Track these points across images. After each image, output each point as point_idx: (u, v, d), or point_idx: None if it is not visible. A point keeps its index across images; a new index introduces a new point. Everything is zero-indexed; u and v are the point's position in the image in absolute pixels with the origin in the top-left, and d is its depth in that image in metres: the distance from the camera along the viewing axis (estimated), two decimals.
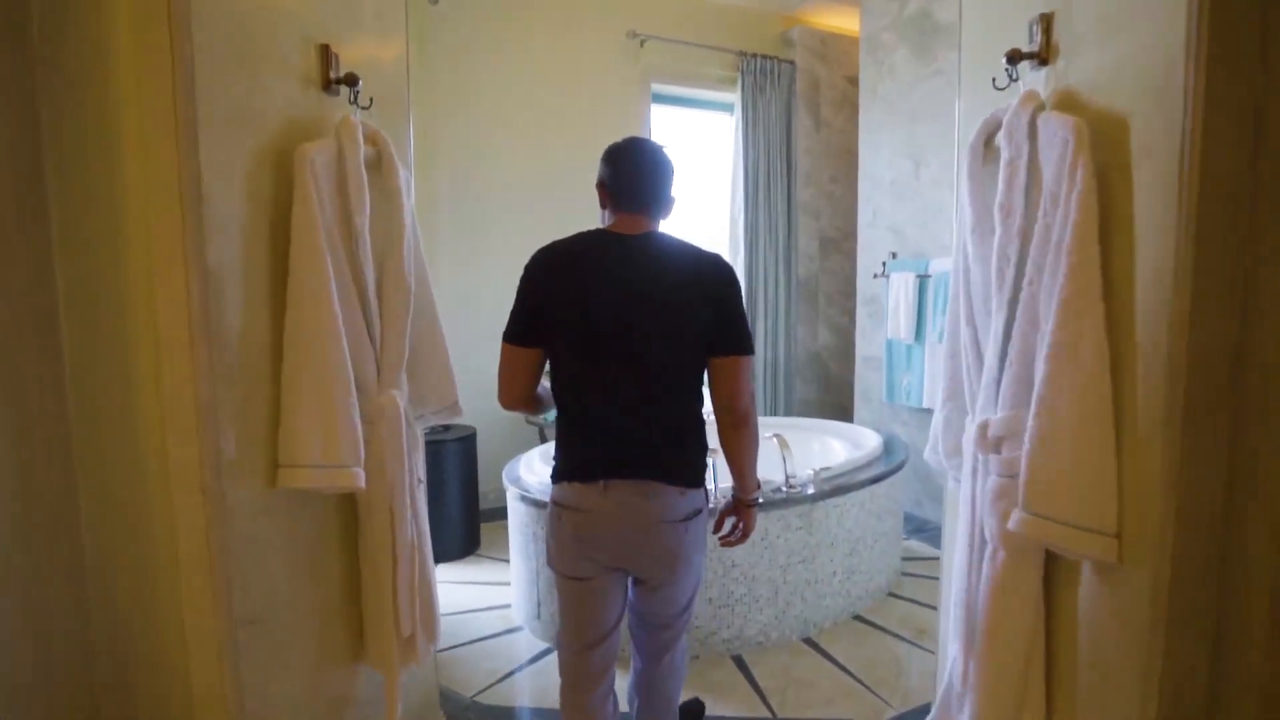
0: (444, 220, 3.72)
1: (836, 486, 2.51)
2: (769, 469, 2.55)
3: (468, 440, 3.38)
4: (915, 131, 3.62)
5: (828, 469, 2.56)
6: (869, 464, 2.78)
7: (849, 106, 4.63)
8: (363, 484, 1.26)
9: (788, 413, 4.55)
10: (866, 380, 4.09)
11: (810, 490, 2.45)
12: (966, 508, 1.23)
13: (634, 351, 1.34)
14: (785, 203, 4.46)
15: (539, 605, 2.49)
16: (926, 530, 3.59)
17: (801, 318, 4.66)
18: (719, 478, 2.36)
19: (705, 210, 6.26)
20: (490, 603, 2.84)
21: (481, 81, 3.75)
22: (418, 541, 1.44)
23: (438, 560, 3.34)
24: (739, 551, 2.35)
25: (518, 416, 3.90)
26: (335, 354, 1.24)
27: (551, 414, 1.54)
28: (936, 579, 3.05)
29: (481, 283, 3.83)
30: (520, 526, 2.54)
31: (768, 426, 3.57)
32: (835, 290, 4.73)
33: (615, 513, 1.36)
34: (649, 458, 1.36)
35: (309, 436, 1.20)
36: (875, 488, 2.66)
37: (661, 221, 1.48)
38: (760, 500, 1.55)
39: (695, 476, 1.43)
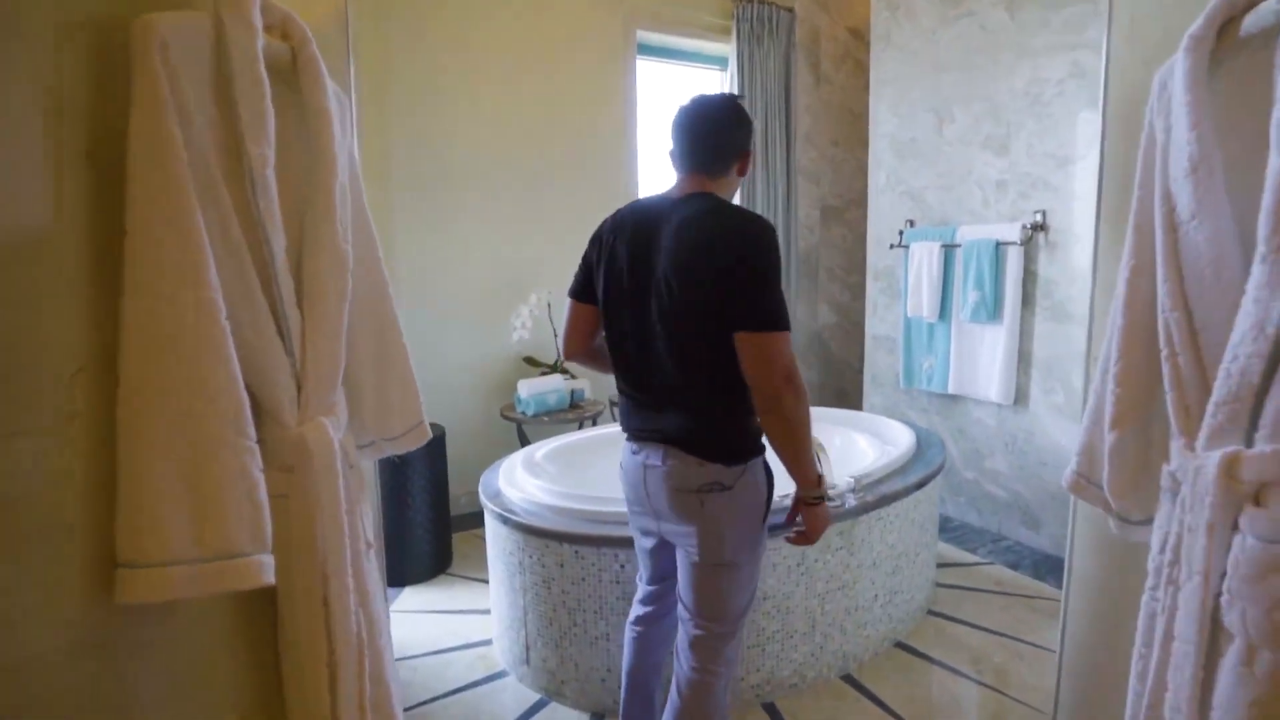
0: (398, 193, 3.21)
1: (880, 496, 2.12)
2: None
3: (435, 443, 2.92)
4: (940, 82, 3.20)
5: (867, 475, 2.17)
6: (908, 465, 2.39)
7: (851, 62, 4.20)
8: (270, 577, 0.81)
9: None
10: (877, 362, 3.72)
11: (852, 502, 2.05)
12: (1196, 586, 0.83)
13: (640, 319, 1.35)
14: (784, 167, 4.03)
15: (527, 650, 2.06)
16: (949, 530, 3.25)
17: (801, 294, 4.26)
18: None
19: None
20: (467, 638, 2.40)
21: (441, 34, 3.22)
22: (368, 633, 0.98)
23: (403, 583, 2.93)
24: (771, 581, 1.95)
25: (491, 412, 3.43)
26: (212, 369, 0.77)
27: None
28: (971, 589, 2.75)
29: (443, 263, 3.33)
30: (502, 554, 2.10)
31: None
32: (837, 264, 4.34)
33: (640, 474, 1.41)
34: (670, 424, 1.35)
35: (170, 514, 0.73)
36: (918, 493, 2.28)
37: (724, 181, 1.37)
38: (823, 498, 1.42)
39: (719, 450, 1.33)
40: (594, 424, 3.33)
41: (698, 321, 1.26)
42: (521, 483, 2.21)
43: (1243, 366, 0.78)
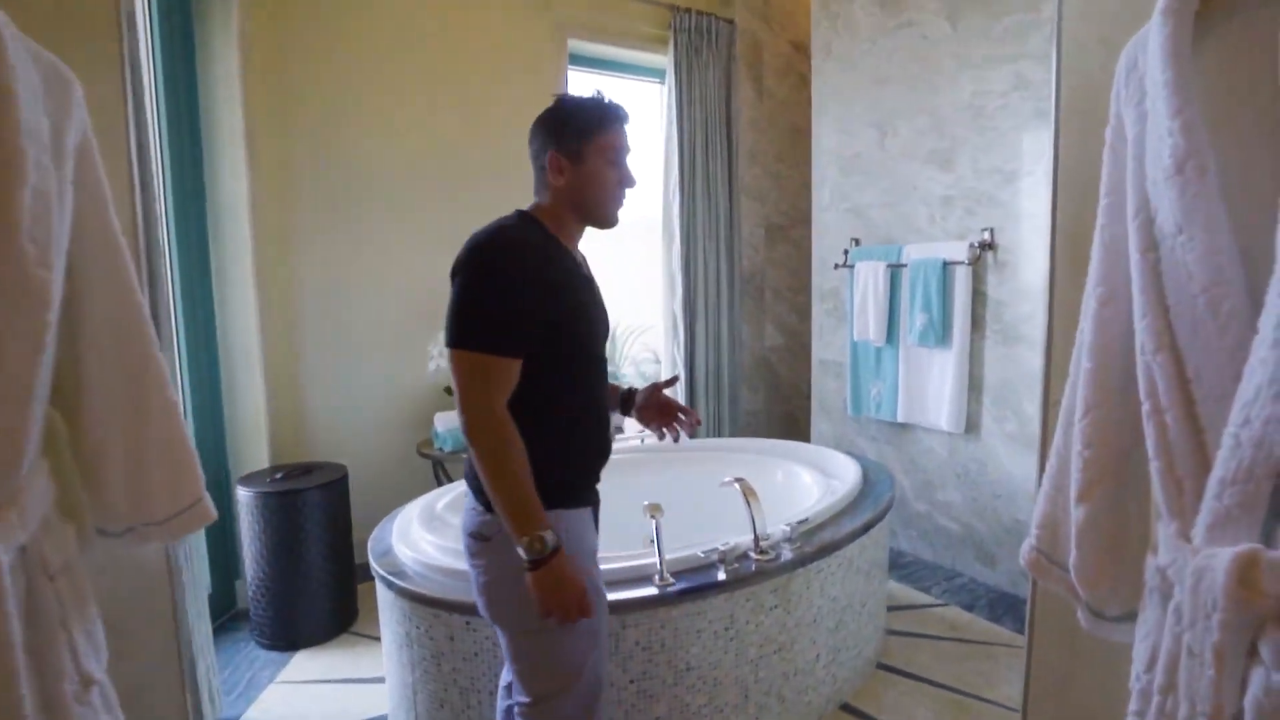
0: (303, 211, 2.91)
1: (821, 546, 1.90)
2: (731, 528, 1.93)
3: (335, 485, 2.60)
4: (881, 96, 3.06)
5: (805, 521, 1.94)
6: (854, 505, 2.18)
7: (794, 76, 4.05)
8: None
9: (734, 428, 3.95)
10: (825, 388, 3.53)
11: (788, 555, 1.82)
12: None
13: None
14: (726, 185, 3.85)
15: None
16: (900, 566, 3.05)
17: (747, 316, 4.06)
18: (662, 543, 1.72)
19: (637, 195, 5.58)
20: (362, 713, 2.09)
21: (351, 36, 2.95)
22: None
23: (294, 646, 2.54)
24: (694, 650, 1.70)
25: (407, 448, 3.12)
26: None
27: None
28: (924, 636, 2.52)
29: (353, 287, 3.04)
30: (391, 622, 1.81)
31: (712, 452, 3.02)
32: (783, 284, 4.16)
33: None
34: None
35: None
36: (864, 538, 2.06)
37: (544, 197, 1.30)
38: (541, 560, 1.11)
39: (483, 491, 1.17)
40: None
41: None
42: (415, 539, 1.93)
43: (1258, 434, 0.57)
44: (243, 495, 2.47)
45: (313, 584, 2.52)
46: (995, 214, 2.66)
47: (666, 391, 1.51)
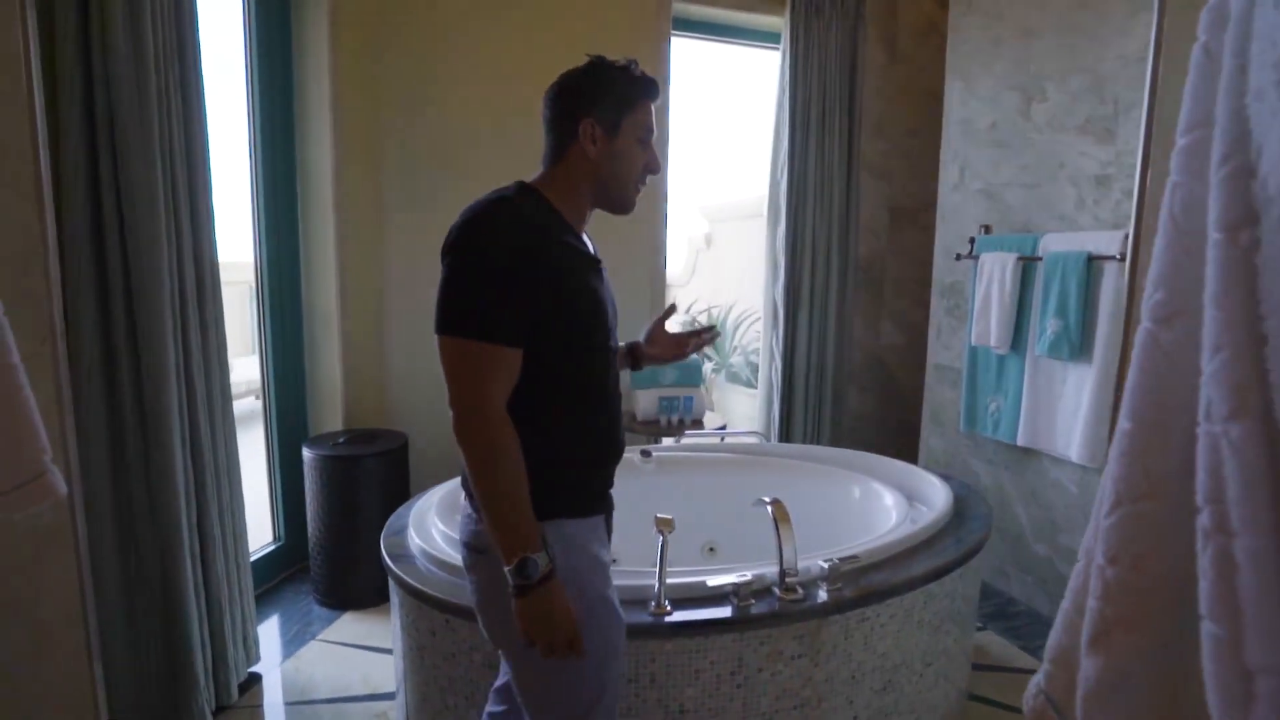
0: (389, 173, 2.93)
1: (867, 591, 1.58)
2: (753, 550, 1.66)
3: (395, 454, 2.61)
4: (1029, 52, 2.54)
5: (853, 559, 1.62)
6: (929, 542, 1.82)
7: (937, 37, 3.53)
8: None
9: (835, 432, 3.56)
10: (940, 398, 3.07)
11: (821, 596, 1.52)
12: None
13: None
14: (844, 161, 3.43)
15: None
16: (1007, 615, 2.58)
17: (861, 309, 3.64)
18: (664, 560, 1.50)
19: (742, 170, 5.28)
20: (376, 687, 2.07)
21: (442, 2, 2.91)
22: None
23: (344, 606, 2.53)
24: (691, 691, 1.46)
25: None
26: None
27: None
28: (1016, 710, 2.07)
29: (434, 256, 3.02)
30: (394, 605, 1.73)
31: (789, 461, 2.69)
32: (908, 276, 3.68)
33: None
34: None
35: None
36: (934, 585, 1.70)
37: (558, 169, 1.18)
38: (527, 587, 0.98)
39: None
40: None
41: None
42: (428, 525, 1.84)
43: None
44: (307, 456, 2.54)
45: (365, 549, 2.54)
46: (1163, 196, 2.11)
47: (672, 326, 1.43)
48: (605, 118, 1.12)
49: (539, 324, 1.03)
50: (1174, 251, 0.47)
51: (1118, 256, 2.18)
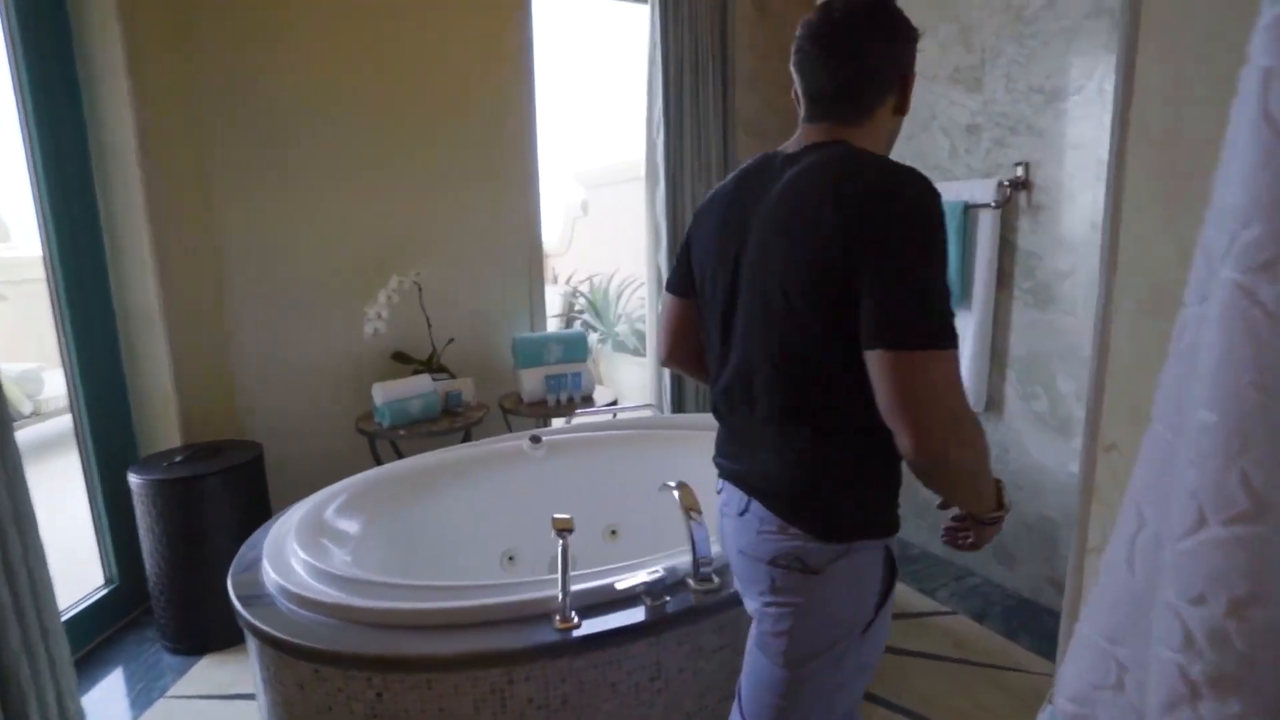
0: (219, 150, 2.51)
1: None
2: (659, 528, 1.54)
3: (246, 468, 2.27)
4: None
5: None
6: None
7: None
8: None
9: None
10: None
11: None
12: None
13: (728, 321, 1.00)
14: (720, 119, 3.33)
15: None
16: (904, 561, 2.65)
17: None
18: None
19: (616, 133, 5.12)
20: None
21: None
22: None
23: (208, 649, 2.12)
24: (609, 707, 1.33)
25: (343, 423, 2.78)
26: None
27: None
28: (922, 655, 1.89)
29: (283, 240, 2.65)
30: (270, 680, 1.46)
31: (671, 434, 2.32)
32: None
33: (731, 532, 1.06)
34: (759, 465, 0.99)
35: None
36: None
37: (866, 126, 0.95)
38: (1002, 517, 1.00)
39: (813, 513, 0.93)
40: (467, 437, 2.70)
41: (803, 329, 0.89)
42: (287, 554, 1.57)
43: None
44: (134, 482, 2.15)
45: (219, 580, 2.21)
46: (1032, 145, 2.15)
47: None
48: (910, 76, 0.99)
49: None
50: (1275, 166, 0.35)
51: (992, 204, 2.21)
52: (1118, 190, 0.75)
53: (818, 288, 0.86)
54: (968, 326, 2.33)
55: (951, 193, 2.33)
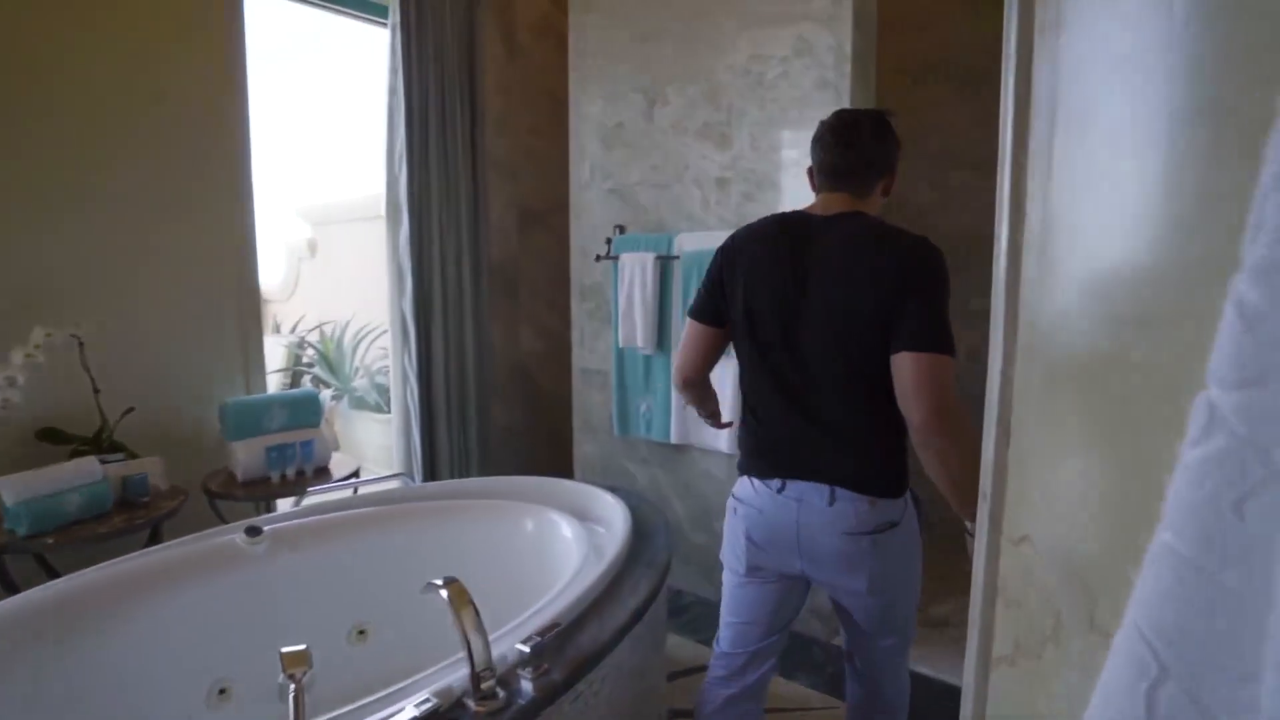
0: None
1: (578, 661, 1.30)
2: (416, 623, 1.27)
3: None
4: (649, 55, 2.57)
5: (555, 625, 1.33)
6: (619, 577, 1.62)
7: (553, 37, 3.46)
8: None
9: (484, 452, 3.25)
10: (589, 403, 3.00)
11: (528, 692, 1.20)
12: None
13: (796, 344, 1.32)
14: (469, 157, 3.14)
15: None
16: (679, 611, 2.61)
17: (498, 316, 3.40)
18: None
19: (348, 166, 4.71)
20: None
21: None
22: None
23: None
24: None
25: None
26: None
27: None
28: None
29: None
30: None
31: (439, 502, 2.01)
32: (543, 278, 3.56)
33: (792, 515, 1.34)
34: (838, 460, 1.31)
35: None
36: (639, 625, 1.51)
37: (871, 201, 1.37)
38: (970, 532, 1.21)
39: (886, 483, 1.31)
40: (155, 536, 2.09)
41: (861, 344, 1.25)
42: None
43: None
44: None
45: None
46: (777, 200, 2.30)
47: None
48: (894, 172, 1.40)
49: None
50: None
51: None
52: (1003, 234, 0.67)
53: (876, 315, 1.22)
54: (727, 373, 2.39)
55: (704, 241, 2.40)
